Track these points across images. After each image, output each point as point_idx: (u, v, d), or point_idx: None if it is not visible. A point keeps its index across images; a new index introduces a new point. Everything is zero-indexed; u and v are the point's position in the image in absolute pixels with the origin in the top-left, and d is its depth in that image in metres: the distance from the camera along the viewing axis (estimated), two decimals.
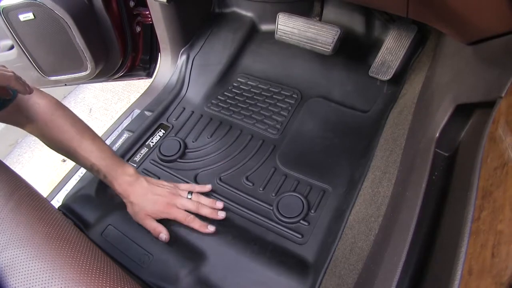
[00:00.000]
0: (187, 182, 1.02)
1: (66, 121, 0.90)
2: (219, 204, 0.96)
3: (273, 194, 0.97)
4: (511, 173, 0.36)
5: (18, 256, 0.54)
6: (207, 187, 0.99)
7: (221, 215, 0.94)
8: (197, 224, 0.91)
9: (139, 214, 0.91)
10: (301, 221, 0.91)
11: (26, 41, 1.28)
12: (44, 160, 2.26)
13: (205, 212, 0.93)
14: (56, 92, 2.48)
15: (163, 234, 0.89)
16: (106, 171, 0.92)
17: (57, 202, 1.08)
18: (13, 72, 0.72)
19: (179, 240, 0.90)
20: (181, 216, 0.91)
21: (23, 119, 0.87)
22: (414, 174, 0.66)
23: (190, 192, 0.96)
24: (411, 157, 0.72)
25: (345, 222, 0.88)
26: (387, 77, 1.04)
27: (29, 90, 0.75)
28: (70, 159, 0.94)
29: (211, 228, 0.91)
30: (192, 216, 0.92)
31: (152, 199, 0.92)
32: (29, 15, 1.19)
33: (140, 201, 0.91)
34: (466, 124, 0.62)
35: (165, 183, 0.97)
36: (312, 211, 0.92)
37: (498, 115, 0.44)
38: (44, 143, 0.94)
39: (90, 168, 0.93)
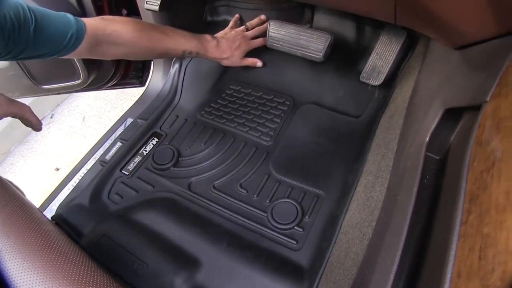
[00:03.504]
0: (182, 191, 1.03)
1: (148, 30, 1.03)
2: (263, 16, 1.30)
3: (267, 201, 0.97)
4: (496, 176, 0.37)
5: (10, 269, 0.54)
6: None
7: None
8: (262, 41, 1.24)
9: (236, 61, 1.22)
10: (296, 227, 0.91)
11: None
12: (37, 169, 2.26)
13: (263, 27, 1.26)
14: (49, 99, 2.48)
15: (259, 62, 1.26)
16: (197, 49, 1.13)
17: (50, 212, 1.08)
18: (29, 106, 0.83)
19: (174, 248, 0.90)
20: (259, 41, 1.24)
21: (107, 47, 0.97)
22: (405, 178, 0.66)
23: (245, 26, 1.27)
24: (403, 161, 0.73)
25: (339, 227, 0.88)
26: (378, 82, 1.05)
27: (41, 126, 0.87)
28: (159, 58, 1.21)
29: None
30: (264, 38, 1.23)
31: (235, 45, 1.20)
32: None
33: (230, 53, 1.19)
34: (455, 127, 0.63)
35: (230, 31, 1.25)
36: (306, 217, 0.92)
37: (484, 119, 0.44)
38: (130, 58, 1.18)
39: (182, 54, 1.12)
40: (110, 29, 0.94)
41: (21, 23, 0.76)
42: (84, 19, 0.91)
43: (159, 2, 1.15)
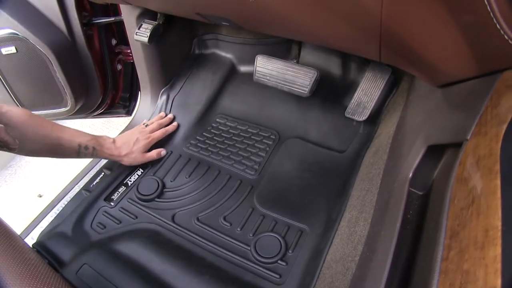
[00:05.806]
0: (165, 222, 1.02)
1: (40, 118, 1.01)
2: (162, 113, 1.32)
3: (251, 235, 0.97)
4: (475, 213, 0.37)
5: None
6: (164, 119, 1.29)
7: (170, 115, 1.31)
8: (162, 131, 1.23)
9: (137, 157, 1.15)
10: (279, 261, 0.90)
11: (7, 74, 1.28)
12: (20, 195, 2.21)
13: (163, 121, 1.28)
14: None
15: (163, 151, 1.20)
16: (93, 144, 1.08)
17: (31, 239, 1.06)
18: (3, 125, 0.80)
19: (155, 280, 0.89)
20: (159, 133, 1.22)
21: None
22: (389, 213, 0.67)
23: (144, 124, 1.26)
24: (387, 197, 0.73)
25: (322, 262, 0.88)
26: (363, 117, 1.06)
27: (17, 142, 0.85)
28: (55, 153, 1.05)
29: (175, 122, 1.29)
30: (163, 129, 1.24)
31: (132, 141, 1.15)
32: (11, 49, 1.20)
33: (128, 150, 1.13)
34: (438, 164, 0.64)
35: (131, 130, 1.23)
36: (290, 251, 0.92)
37: (465, 157, 0.45)
38: (24, 150, 0.98)
39: (77, 148, 1.05)
40: (6, 109, 0.94)
41: None
42: None
43: (148, 34, 1.17)
